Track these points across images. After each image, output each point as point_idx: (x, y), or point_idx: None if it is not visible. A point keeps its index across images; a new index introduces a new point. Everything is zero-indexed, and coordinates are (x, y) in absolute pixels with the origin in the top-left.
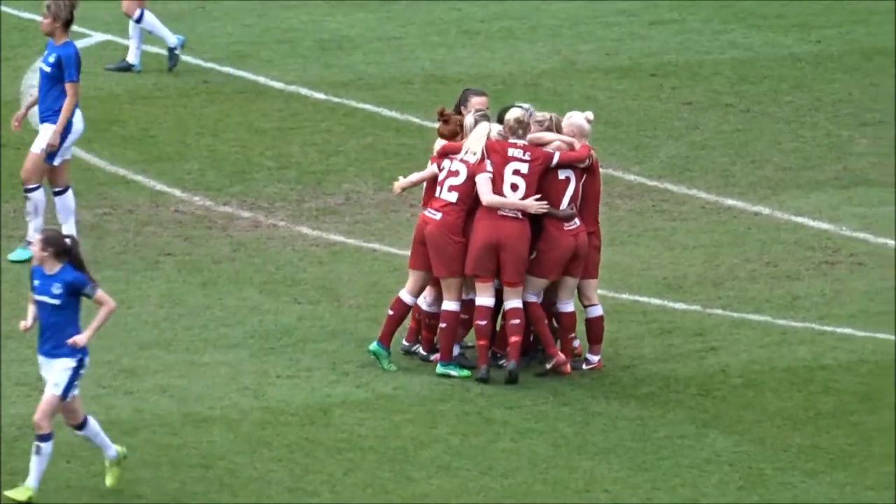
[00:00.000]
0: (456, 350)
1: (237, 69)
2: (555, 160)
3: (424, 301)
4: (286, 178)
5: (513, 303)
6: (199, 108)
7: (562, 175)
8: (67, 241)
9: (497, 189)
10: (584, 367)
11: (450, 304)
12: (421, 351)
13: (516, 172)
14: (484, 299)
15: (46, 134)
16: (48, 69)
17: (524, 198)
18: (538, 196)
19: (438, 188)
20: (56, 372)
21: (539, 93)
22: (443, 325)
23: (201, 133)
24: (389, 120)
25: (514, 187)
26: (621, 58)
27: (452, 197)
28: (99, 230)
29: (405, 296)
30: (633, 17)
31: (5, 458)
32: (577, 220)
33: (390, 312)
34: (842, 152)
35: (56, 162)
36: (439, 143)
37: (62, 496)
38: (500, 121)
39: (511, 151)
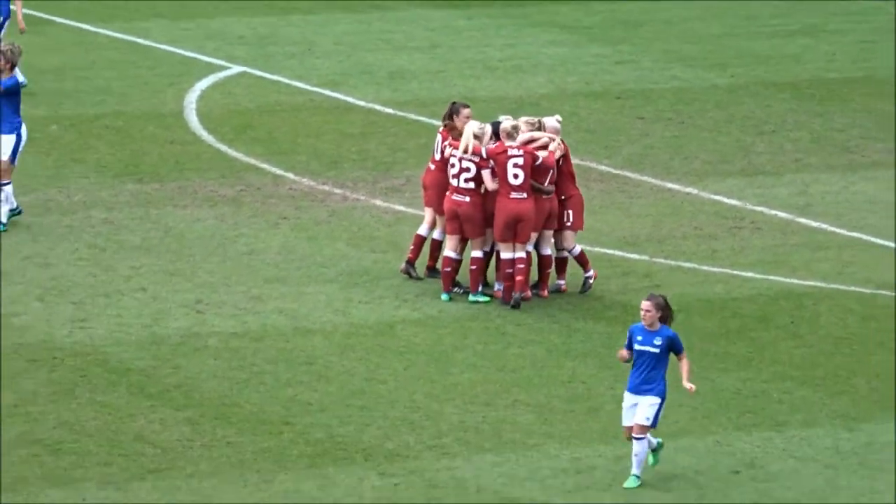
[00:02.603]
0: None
1: (332, 92)
2: (538, 161)
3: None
4: (365, 166)
5: (520, 253)
6: (307, 119)
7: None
8: None
9: (502, 178)
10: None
11: (477, 254)
12: (456, 291)
13: (516, 165)
14: (506, 254)
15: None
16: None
17: (522, 184)
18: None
19: (455, 179)
20: None
21: (539, 110)
22: (473, 267)
23: (308, 136)
24: (437, 127)
25: (515, 176)
26: (596, 86)
27: (472, 185)
28: (237, 201)
29: (450, 253)
30: (604, 58)
31: (178, 359)
32: (524, 193)
33: (447, 269)
34: (747, 152)
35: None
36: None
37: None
38: (496, 132)
39: (510, 152)
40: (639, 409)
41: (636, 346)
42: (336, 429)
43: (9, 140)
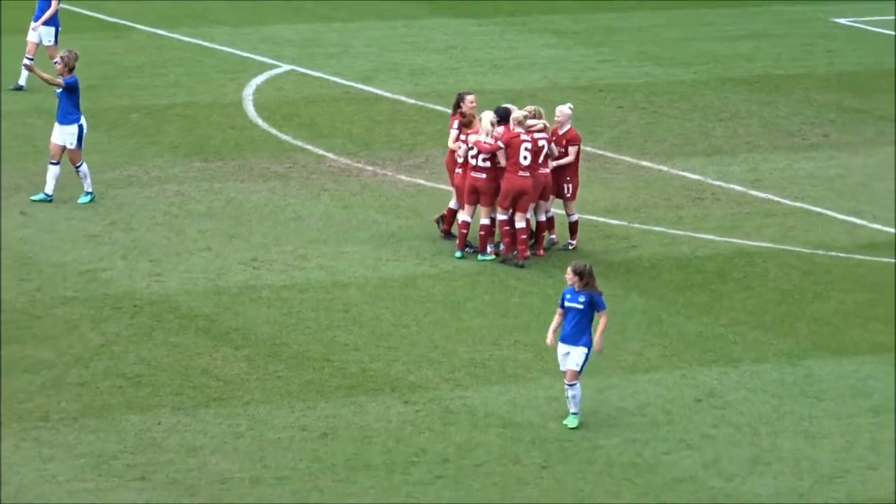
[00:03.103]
0: (490, 248)
1: (365, 85)
2: (544, 151)
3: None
4: (392, 147)
5: (521, 222)
6: (343, 108)
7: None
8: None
9: (513, 159)
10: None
11: (485, 221)
12: (468, 250)
13: (526, 149)
14: (503, 216)
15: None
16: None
17: (531, 164)
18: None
19: (473, 160)
20: None
21: (536, 101)
22: (481, 233)
23: (344, 122)
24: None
25: (525, 158)
26: (582, 81)
27: (487, 164)
28: (286, 177)
29: (466, 217)
30: (589, 57)
31: (237, 307)
32: (528, 172)
33: (463, 231)
34: (707, 135)
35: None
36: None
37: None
38: (503, 117)
39: (522, 137)
40: (570, 357)
41: (567, 304)
42: (368, 364)
43: (72, 130)
